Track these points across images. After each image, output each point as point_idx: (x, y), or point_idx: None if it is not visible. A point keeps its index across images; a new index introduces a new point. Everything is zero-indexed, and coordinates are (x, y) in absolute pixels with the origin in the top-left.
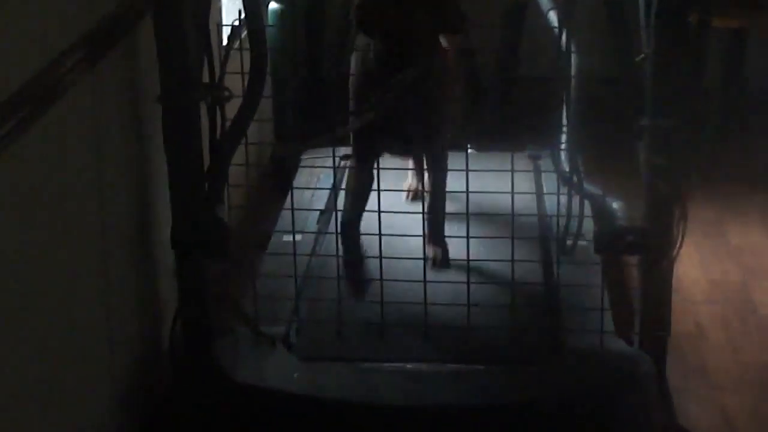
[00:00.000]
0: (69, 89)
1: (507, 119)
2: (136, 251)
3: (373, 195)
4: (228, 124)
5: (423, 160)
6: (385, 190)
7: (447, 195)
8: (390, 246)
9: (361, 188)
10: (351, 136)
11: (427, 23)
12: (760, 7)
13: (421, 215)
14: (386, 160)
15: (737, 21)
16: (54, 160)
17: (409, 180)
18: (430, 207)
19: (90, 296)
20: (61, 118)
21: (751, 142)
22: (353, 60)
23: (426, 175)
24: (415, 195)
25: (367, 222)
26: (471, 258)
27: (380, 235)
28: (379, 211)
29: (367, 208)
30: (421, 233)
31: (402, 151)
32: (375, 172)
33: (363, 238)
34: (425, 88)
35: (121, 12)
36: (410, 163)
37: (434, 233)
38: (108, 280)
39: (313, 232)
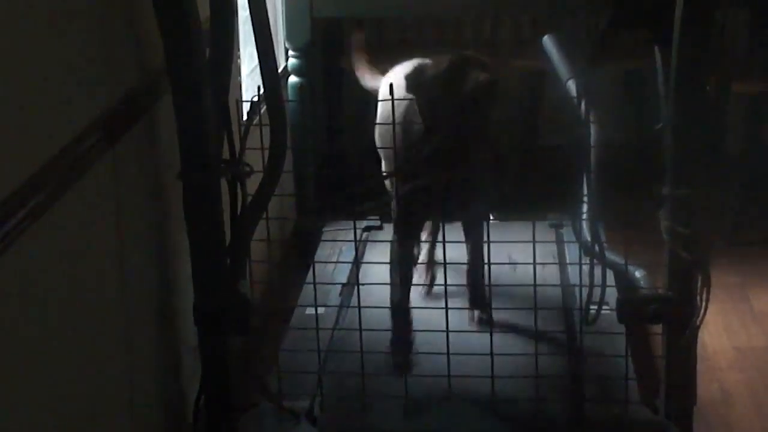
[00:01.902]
0: (89, 168)
1: (528, 188)
2: (159, 328)
3: None
4: (249, 199)
5: (437, 233)
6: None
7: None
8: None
9: (407, 264)
10: (394, 209)
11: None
12: None
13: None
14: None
15: (757, 86)
16: (75, 238)
17: (423, 258)
18: (470, 273)
19: (113, 372)
20: (82, 196)
21: None
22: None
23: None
24: (431, 287)
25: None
26: (494, 329)
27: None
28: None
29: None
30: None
31: (445, 219)
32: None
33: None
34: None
35: (141, 90)
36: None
37: (478, 297)
38: (131, 356)
39: (335, 306)
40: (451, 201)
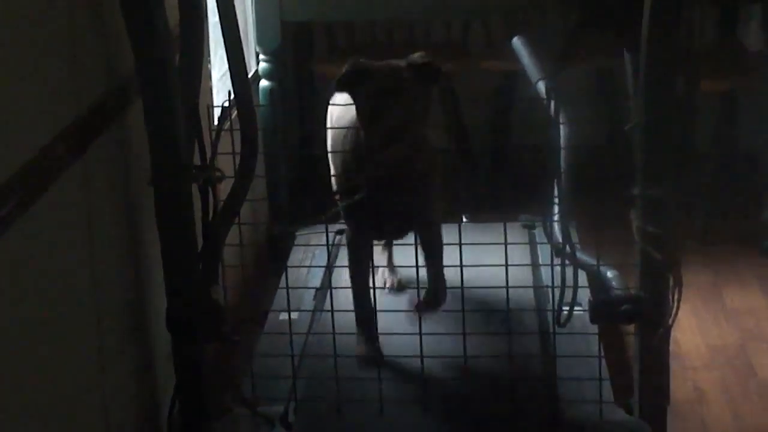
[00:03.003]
0: (59, 176)
1: (500, 189)
2: (132, 335)
3: None
4: (221, 204)
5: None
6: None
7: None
8: (383, 319)
9: (364, 282)
10: (344, 221)
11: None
12: (748, 69)
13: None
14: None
15: (727, 84)
16: (46, 247)
17: (386, 276)
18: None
19: (86, 380)
20: (52, 205)
21: (744, 203)
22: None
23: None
24: (399, 285)
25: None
26: (467, 332)
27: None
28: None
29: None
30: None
31: (393, 236)
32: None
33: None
34: (412, 170)
35: (110, 96)
36: (382, 259)
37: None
38: (104, 363)
39: (309, 310)
40: (394, 215)
